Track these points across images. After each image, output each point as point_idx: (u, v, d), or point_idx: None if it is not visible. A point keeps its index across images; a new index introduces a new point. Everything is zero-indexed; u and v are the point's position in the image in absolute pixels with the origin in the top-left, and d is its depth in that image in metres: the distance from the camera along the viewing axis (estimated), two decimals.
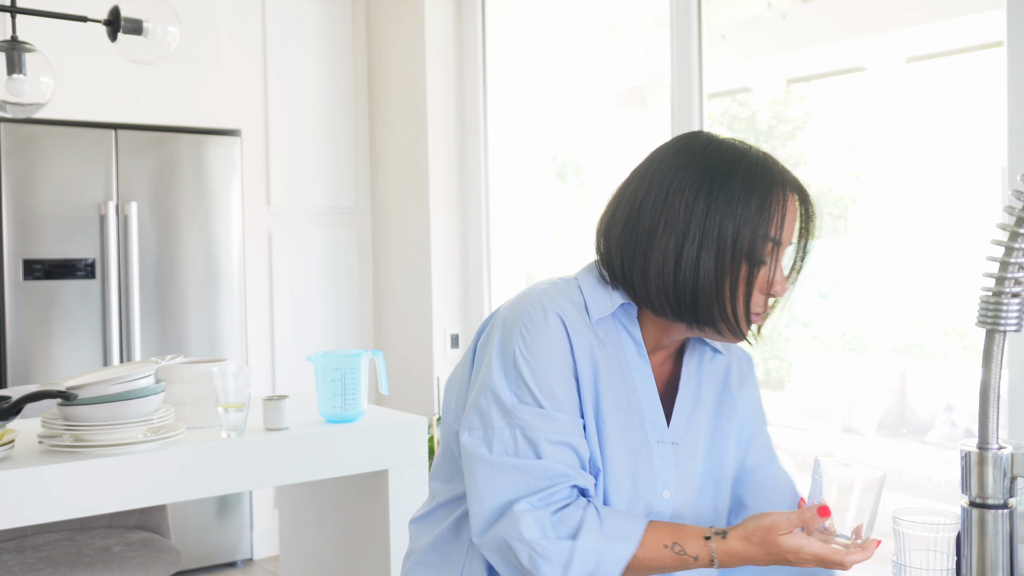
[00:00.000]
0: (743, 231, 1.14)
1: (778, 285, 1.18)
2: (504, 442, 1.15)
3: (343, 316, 4.22)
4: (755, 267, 1.16)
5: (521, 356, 1.16)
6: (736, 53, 4.84)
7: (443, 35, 3.96)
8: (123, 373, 1.98)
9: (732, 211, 1.14)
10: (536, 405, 1.15)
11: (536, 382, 1.15)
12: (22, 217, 3.41)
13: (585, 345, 1.17)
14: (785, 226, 1.17)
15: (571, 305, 1.19)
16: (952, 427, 4.75)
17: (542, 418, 1.14)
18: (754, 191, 1.15)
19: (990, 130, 4.81)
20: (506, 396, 1.16)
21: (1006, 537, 0.84)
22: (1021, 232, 0.81)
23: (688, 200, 1.16)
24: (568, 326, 1.17)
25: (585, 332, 1.18)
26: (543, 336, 1.16)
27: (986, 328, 0.83)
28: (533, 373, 1.15)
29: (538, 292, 1.21)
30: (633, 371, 1.22)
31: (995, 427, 0.84)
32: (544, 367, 1.16)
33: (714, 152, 1.18)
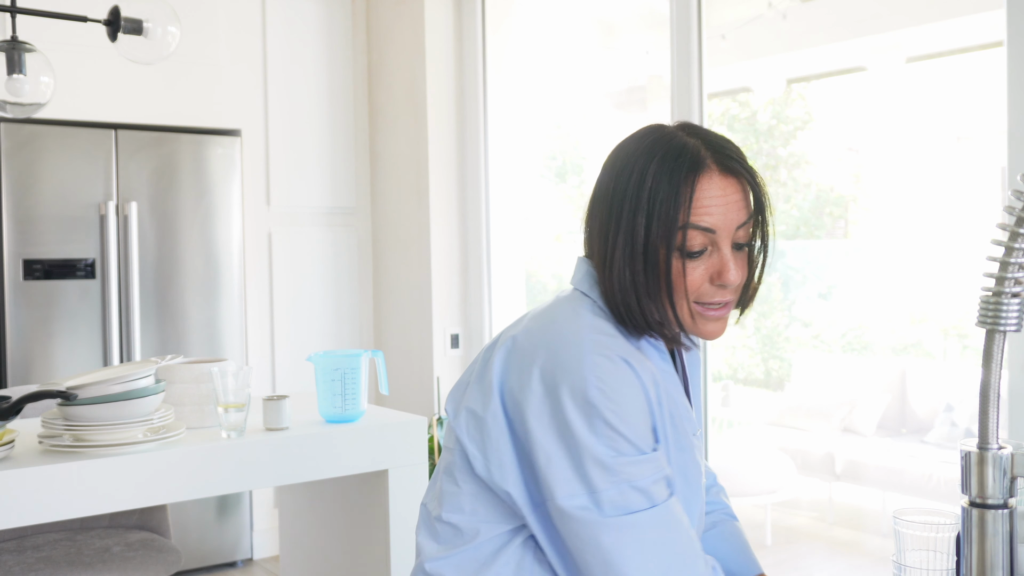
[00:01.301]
0: (654, 224, 1.11)
1: (727, 274, 1.12)
2: (614, 503, 1.09)
3: (343, 316, 4.22)
4: (681, 258, 1.12)
5: (606, 409, 1.09)
6: (736, 53, 4.84)
7: (443, 35, 3.96)
8: (123, 373, 1.98)
9: (642, 204, 1.11)
10: (637, 453, 1.10)
11: (628, 430, 1.10)
12: (22, 217, 3.41)
13: (647, 372, 1.13)
14: (703, 211, 1.11)
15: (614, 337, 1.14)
16: (952, 427, 4.75)
17: (646, 463, 1.10)
18: (663, 178, 1.11)
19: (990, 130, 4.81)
20: (602, 452, 1.09)
21: (1006, 537, 0.84)
22: (1021, 232, 0.81)
23: (609, 202, 1.15)
24: (633, 365, 1.12)
25: (641, 360, 1.14)
26: (619, 382, 1.10)
27: (986, 328, 0.83)
28: (623, 422, 1.09)
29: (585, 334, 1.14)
30: (664, 376, 1.19)
31: (995, 427, 0.84)
32: (630, 413, 1.10)
33: (641, 143, 1.15)
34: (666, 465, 1.13)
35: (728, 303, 1.16)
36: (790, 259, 6.03)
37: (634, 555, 1.08)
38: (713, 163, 1.12)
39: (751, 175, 1.15)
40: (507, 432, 1.15)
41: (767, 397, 5.82)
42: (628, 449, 1.09)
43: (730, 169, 1.13)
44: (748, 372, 6.11)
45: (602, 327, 1.14)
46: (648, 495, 1.09)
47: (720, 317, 1.17)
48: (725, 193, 1.12)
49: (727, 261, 1.13)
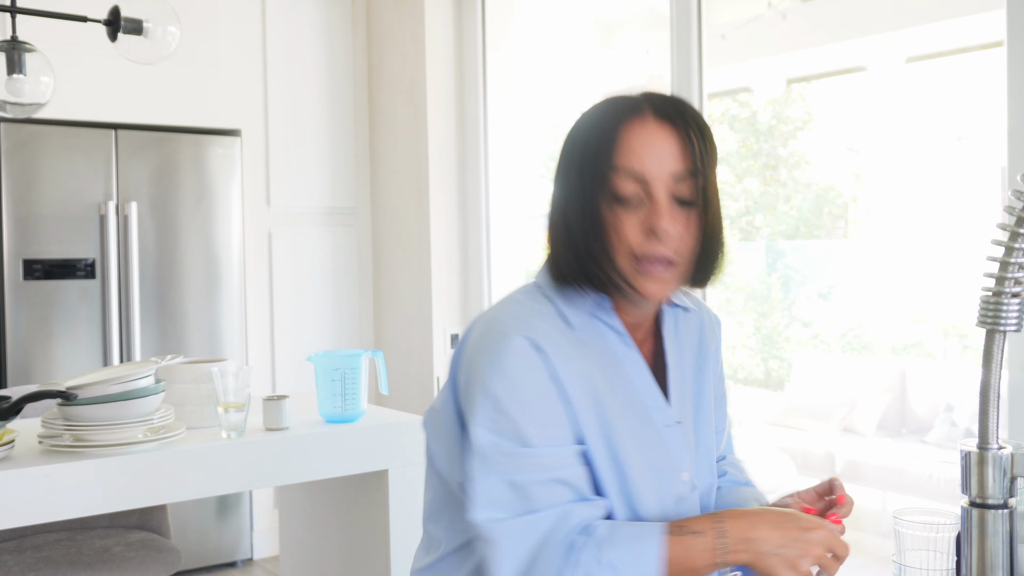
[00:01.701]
0: (587, 169, 1.08)
1: (659, 220, 1.06)
2: (482, 494, 1.04)
3: (343, 316, 4.22)
4: (615, 206, 1.08)
5: (499, 393, 1.06)
6: (736, 53, 4.84)
7: (443, 35, 3.96)
8: (123, 373, 1.98)
9: (576, 155, 1.10)
10: (520, 445, 1.05)
11: (520, 418, 1.05)
12: (22, 217, 3.41)
13: (567, 360, 1.08)
14: (632, 154, 1.07)
15: (541, 321, 1.10)
16: (952, 427, 4.75)
17: (527, 458, 1.04)
18: (596, 125, 1.09)
19: (990, 130, 4.81)
20: (484, 439, 1.06)
21: (1006, 537, 0.84)
22: (1021, 232, 0.81)
23: (559, 164, 1.14)
24: (542, 348, 1.07)
25: (563, 346, 1.09)
26: (516, 367, 1.06)
27: (986, 328, 0.83)
28: (515, 409, 1.05)
29: (503, 316, 1.12)
30: (624, 363, 1.14)
31: (995, 427, 0.84)
32: (531, 404, 1.05)
33: (590, 108, 1.14)
34: (568, 469, 1.05)
35: (669, 262, 1.09)
36: (790, 259, 6.03)
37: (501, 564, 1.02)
38: (649, 109, 1.09)
39: (694, 127, 1.10)
40: (457, 424, 1.15)
41: (767, 397, 5.83)
42: (512, 440, 1.05)
43: (667, 116, 1.09)
44: (748, 372, 6.11)
45: (532, 312, 1.11)
46: (526, 495, 1.03)
47: (658, 276, 1.09)
48: (658, 139, 1.08)
49: (661, 210, 1.07)
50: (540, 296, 1.15)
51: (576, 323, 1.12)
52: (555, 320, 1.11)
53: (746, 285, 6.04)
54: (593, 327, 1.13)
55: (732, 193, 5.89)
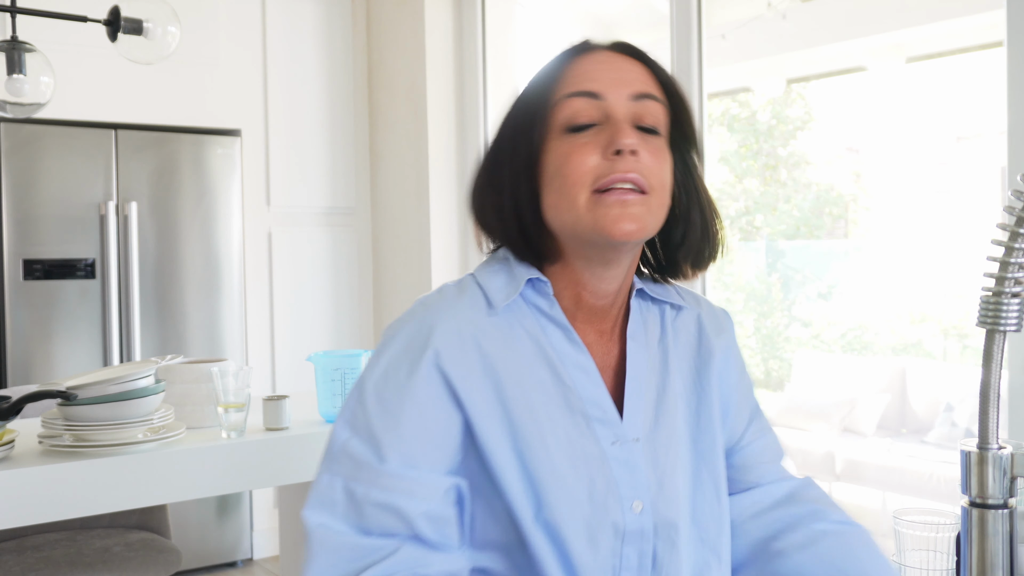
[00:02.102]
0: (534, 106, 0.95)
1: (620, 136, 0.91)
2: (320, 492, 0.92)
3: (343, 316, 4.22)
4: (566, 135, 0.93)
5: (367, 389, 0.93)
6: (736, 53, 4.84)
7: (443, 35, 3.96)
8: (123, 373, 1.98)
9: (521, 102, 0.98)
10: (370, 452, 0.91)
11: (379, 424, 0.91)
12: (22, 217, 3.41)
13: (469, 363, 0.93)
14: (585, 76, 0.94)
15: (455, 312, 0.95)
16: (952, 427, 4.75)
17: (371, 471, 0.90)
18: (548, 66, 0.97)
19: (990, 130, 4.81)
20: (339, 434, 0.93)
21: (1006, 537, 0.84)
22: (1021, 232, 0.81)
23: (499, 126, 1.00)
24: (437, 345, 0.92)
25: (475, 342, 0.93)
26: (396, 364, 0.93)
27: (986, 328, 0.83)
28: (377, 411, 0.92)
29: (415, 306, 0.98)
30: (566, 363, 0.96)
31: (995, 427, 0.84)
32: (392, 405, 0.92)
33: None
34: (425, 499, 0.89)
35: (635, 184, 0.92)
36: (790, 259, 6.03)
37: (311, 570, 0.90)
38: (605, 47, 0.98)
39: (653, 62, 0.98)
40: None
41: (767, 397, 5.82)
42: (365, 444, 0.91)
43: (623, 48, 0.98)
44: (748, 372, 6.11)
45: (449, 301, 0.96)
46: (360, 510, 0.90)
47: (623, 202, 0.91)
48: (612, 61, 0.96)
49: (621, 125, 0.92)
50: (467, 283, 0.99)
51: (499, 306, 0.95)
52: (474, 306, 0.96)
53: (746, 285, 6.04)
54: (528, 317, 0.97)
55: (732, 193, 5.89)
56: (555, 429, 0.94)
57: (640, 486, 0.96)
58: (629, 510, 0.95)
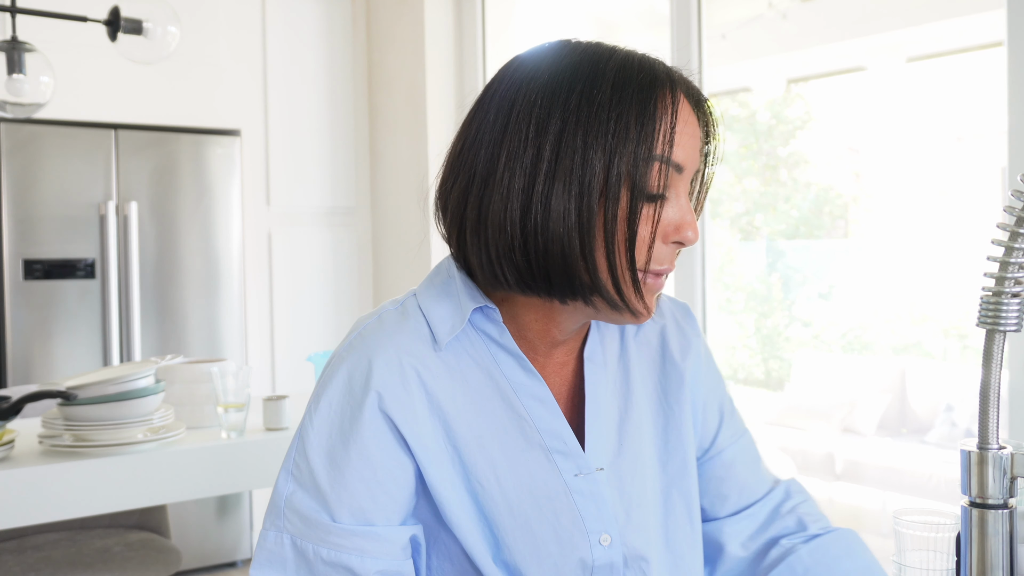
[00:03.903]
0: (619, 152, 0.80)
1: (687, 229, 0.84)
2: (268, 549, 0.86)
3: (343, 316, 4.22)
4: (644, 203, 0.82)
5: (309, 437, 0.87)
6: (736, 53, 4.84)
7: (443, 35, 3.96)
8: (123, 373, 1.98)
9: (599, 127, 0.80)
10: (317, 506, 0.85)
11: (323, 476, 0.85)
12: (22, 217, 3.41)
13: (413, 403, 0.86)
14: (679, 139, 0.83)
15: (395, 347, 0.87)
16: (952, 427, 4.75)
17: (319, 528, 0.84)
18: (629, 96, 0.80)
19: (990, 130, 4.81)
20: (283, 488, 0.87)
21: (1006, 537, 0.84)
22: (1021, 232, 0.81)
23: (539, 120, 0.82)
24: (379, 387, 0.85)
25: (412, 386, 0.86)
26: (338, 410, 0.86)
27: (986, 328, 0.83)
28: (320, 463, 0.86)
29: (352, 339, 0.90)
30: (520, 394, 0.89)
31: (995, 427, 0.84)
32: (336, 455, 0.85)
33: (572, 54, 0.84)
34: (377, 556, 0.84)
35: (666, 273, 0.87)
36: (790, 259, 6.04)
37: None
38: (681, 89, 0.85)
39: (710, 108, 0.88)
40: None
41: (767, 397, 5.83)
42: (311, 496, 0.85)
43: (698, 103, 0.86)
44: (748, 372, 6.11)
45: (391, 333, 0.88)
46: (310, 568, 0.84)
47: (660, 289, 0.87)
48: (695, 129, 0.85)
49: (687, 213, 0.84)
50: (412, 308, 0.91)
51: (444, 342, 0.88)
52: (418, 340, 0.88)
53: (746, 285, 6.04)
54: (477, 346, 0.90)
55: (732, 193, 5.90)
56: (512, 465, 0.88)
57: (607, 518, 0.90)
58: (597, 544, 0.89)
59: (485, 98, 0.89)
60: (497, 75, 0.90)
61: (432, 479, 0.86)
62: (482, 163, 0.85)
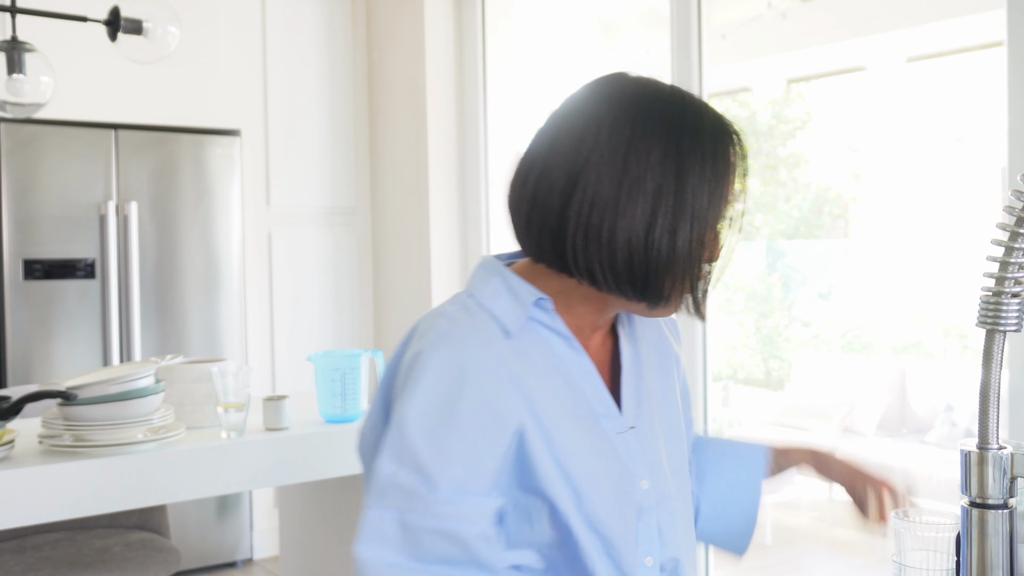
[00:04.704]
0: (718, 194, 1.00)
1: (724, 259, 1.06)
2: (372, 527, 0.94)
3: (343, 316, 4.22)
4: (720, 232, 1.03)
5: (407, 420, 0.96)
6: (736, 53, 4.84)
7: (443, 35, 3.96)
8: (123, 373, 1.98)
9: (703, 172, 0.99)
10: (420, 481, 0.94)
11: (424, 453, 0.95)
12: (22, 217, 3.41)
13: (501, 384, 0.98)
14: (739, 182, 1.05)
15: (476, 339, 0.99)
16: (952, 427, 4.75)
17: (423, 499, 0.94)
18: (722, 149, 1.01)
19: (990, 130, 4.81)
20: (385, 468, 0.96)
21: (1006, 537, 0.84)
22: (1021, 232, 0.81)
23: (657, 159, 0.98)
24: (469, 371, 0.97)
25: (499, 362, 0.99)
26: (432, 394, 0.96)
27: (986, 328, 0.83)
28: (420, 442, 0.95)
29: (430, 334, 1.01)
30: (571, 369, 1.05)
31: (995, 427, 0.84)
32: (435, 434, 0.95)
33: (670, 101, 1.02)
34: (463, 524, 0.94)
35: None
36: (790, 259, 6.04)
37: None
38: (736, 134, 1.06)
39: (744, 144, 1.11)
40: None
41: (767, 397, 5.83)
42: (412, 474, 0.94)
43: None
44: (748, 372, 6.11)
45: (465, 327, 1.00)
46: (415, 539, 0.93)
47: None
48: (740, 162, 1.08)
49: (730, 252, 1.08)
50: (474, 306, 1.03)
51: (515, 332, 1.02)
52: (491, 332, 1.01)
53: (746, 285, 6.04)
54: (534, 333, 1.04)
55: None
56: (576, 430, 1.03)
57: (642, 467, 1.08)
58: (638, 489, 1.07)
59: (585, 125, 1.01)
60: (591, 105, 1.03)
61: (527, 446, 0.99)
62: (604, 191, 0.98)
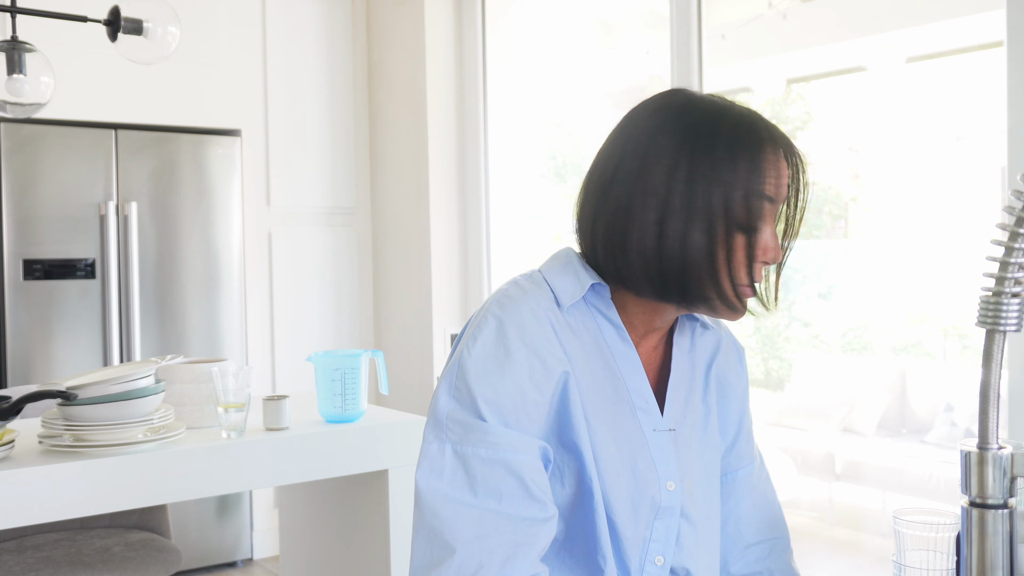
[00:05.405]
0: (734, 196, 1.03)
1: (772, 251, 1.07)
2: (430, 457, 1.03)
3: (343, 316, 4.22)
4: (752, 234, 1.05)
5: (467, 364, 1.05)
6: (736, 53, 4.84)
7: (443, 35, 3.96)
8: (123, 373, 1.98)
9: (718, 176, 1.03)
10: (473, 416, 1.03)
11: (480, 392, 1.03)
12: (22, 217, 3.41)
13: (550, 343, 1.06)
14: (780, 184, 1.07)
15: (533, 303, 1.08)
16: (952, 427, 4.75)
17: (476, 431, 1.02)
18: (741, 151, 1.04)
19: (990, 130, 4.81)
20: (445, 405, 1.05)
21: (1006, 537, 0.84)
22: (1021, 232, 0.81)
23: (667, 166, 1.04)
24: (528, 328, 1.06)
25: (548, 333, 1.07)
26: (491, 344, 1.05)
27: (986, 328, 0.83)
28: (477, 383, 1.03)
29: (497, 296, 1.10)
30: (617, 358, 1.11)
31: (995, 427, 0.84)
32: (490, 377, 1.04)
33: (694, 111, 1.07)
34: (516, 453, 1.01)
35: (774, 284, 1.13)
36: (790, 259, 6.03)
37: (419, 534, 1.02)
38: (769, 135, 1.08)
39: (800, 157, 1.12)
40: None
41: (767, 397, 5.82)
42: (468, 410, 1.03)
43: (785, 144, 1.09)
44: (748, 372, 6.11)
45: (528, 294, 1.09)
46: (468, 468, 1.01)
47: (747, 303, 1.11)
48: (782, 166, 1.08)
49: (774, 236, 1.08)
50: (538, 279, 1.12)
51: (567, 305, 1.09)
52: (548, 304, 1.09)
53: None
54: (588, 316, 1.11)
55: None
56: (608, 413, 1.09)
57: (672, 470, 1.12)
58: (664, 489, 1.10)
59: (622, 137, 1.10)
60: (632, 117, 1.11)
61: (567, 404, 1.06)
62: (621, 197, 1.07)
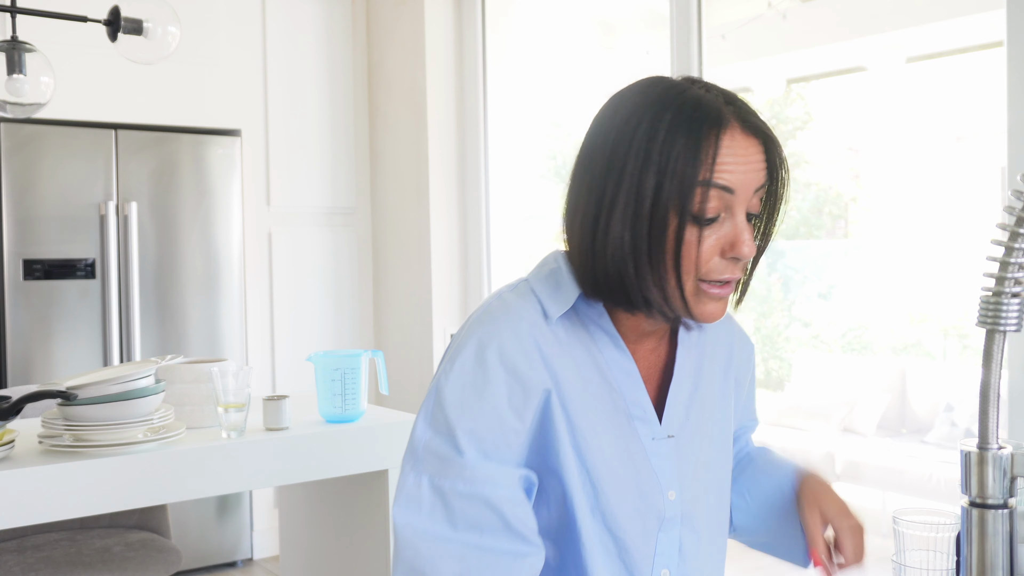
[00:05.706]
0: (666, 181, 0.93)
1: (742, 245, 0.96)
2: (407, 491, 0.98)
3: (343, 316, 4.22)
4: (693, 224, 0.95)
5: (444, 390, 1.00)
6: (736, 53, 4.84)
7: (443, 35, 3.96)
8: (123, 373, 1.98)
9: (652, 159, 0.94)
10: (451, 448, 0.97)
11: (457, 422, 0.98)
12: (22, 217, 3.41)
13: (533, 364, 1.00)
14: (724, 168, 0.94)
15: (515, 320, 1.01)
16: (952, 427, 4.75)
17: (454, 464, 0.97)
18: (679, 131, 0.94)
19: (990, 130, 4.81)
20: (421, 435, 1.00)
21: (1006, 537, 0.84)
22: (1021, 232, 0.81)
23: (607, 156, 0.97)
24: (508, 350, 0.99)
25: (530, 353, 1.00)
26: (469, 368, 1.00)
27: (986, 328, 0.83)
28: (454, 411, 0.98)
29: (479, 313, 1.04)
30: (612, 367, 1.05)
31: (995, 427, 0.84)
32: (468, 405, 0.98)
33: (649, 93, 0.98)
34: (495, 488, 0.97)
35: (731, 282, 1.00)
36: (790, 259, 6.03)
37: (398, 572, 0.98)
38: (735, 119, 0.96)
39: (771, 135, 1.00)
40: None
41: (767, 397, 5.82)
42: (445, 441, 0.98)
43: (752, 127, 0.98)
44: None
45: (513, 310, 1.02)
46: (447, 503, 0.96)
47: (722, 297, 1.00)
48: (747, 152, 0.96)
49: (742, 230, 0.97)
50: (525, 291, 1.05)
51: (555, 317, 1.03)
52: (533, 313, 1.02)
53: None
54: (580, 326, 1.05)
55: None
56: (605, 426, 1.03)
57: (673, 477, 1.07)
58: (665, 498, 1.06)
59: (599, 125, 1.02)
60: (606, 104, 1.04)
61: (549, 427, 1.00)
62: (572, 195, 1.02)
